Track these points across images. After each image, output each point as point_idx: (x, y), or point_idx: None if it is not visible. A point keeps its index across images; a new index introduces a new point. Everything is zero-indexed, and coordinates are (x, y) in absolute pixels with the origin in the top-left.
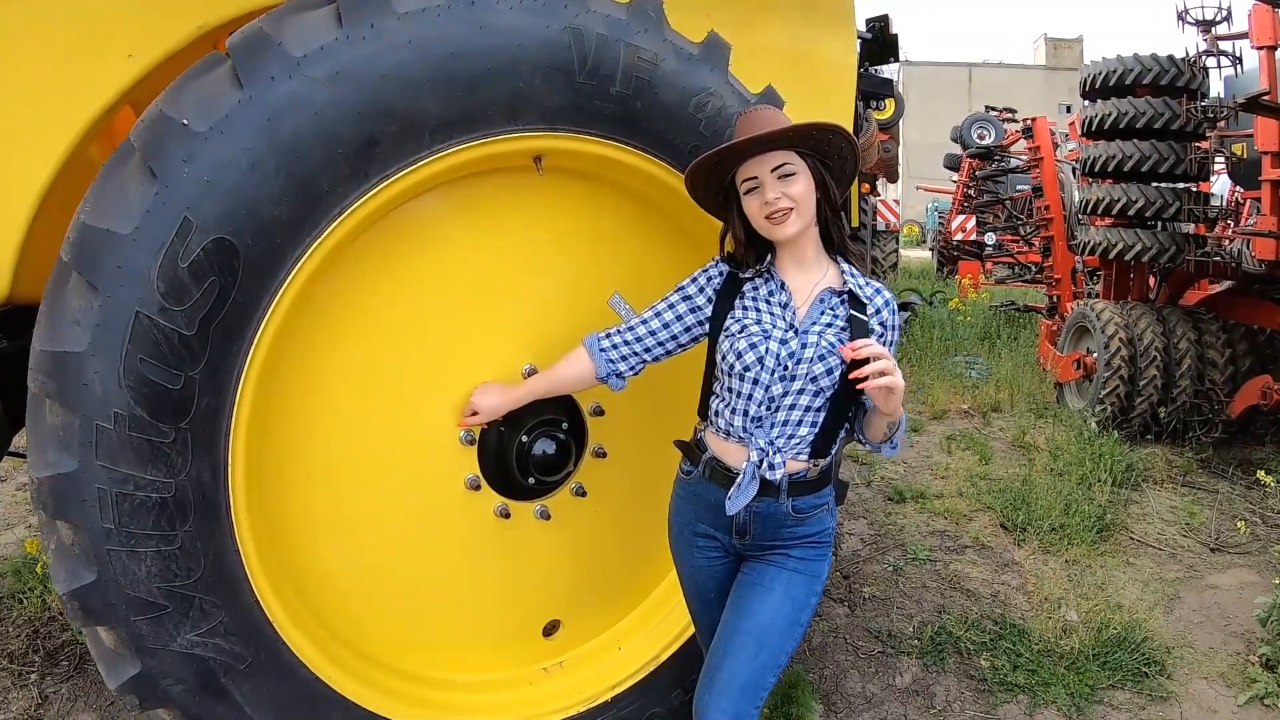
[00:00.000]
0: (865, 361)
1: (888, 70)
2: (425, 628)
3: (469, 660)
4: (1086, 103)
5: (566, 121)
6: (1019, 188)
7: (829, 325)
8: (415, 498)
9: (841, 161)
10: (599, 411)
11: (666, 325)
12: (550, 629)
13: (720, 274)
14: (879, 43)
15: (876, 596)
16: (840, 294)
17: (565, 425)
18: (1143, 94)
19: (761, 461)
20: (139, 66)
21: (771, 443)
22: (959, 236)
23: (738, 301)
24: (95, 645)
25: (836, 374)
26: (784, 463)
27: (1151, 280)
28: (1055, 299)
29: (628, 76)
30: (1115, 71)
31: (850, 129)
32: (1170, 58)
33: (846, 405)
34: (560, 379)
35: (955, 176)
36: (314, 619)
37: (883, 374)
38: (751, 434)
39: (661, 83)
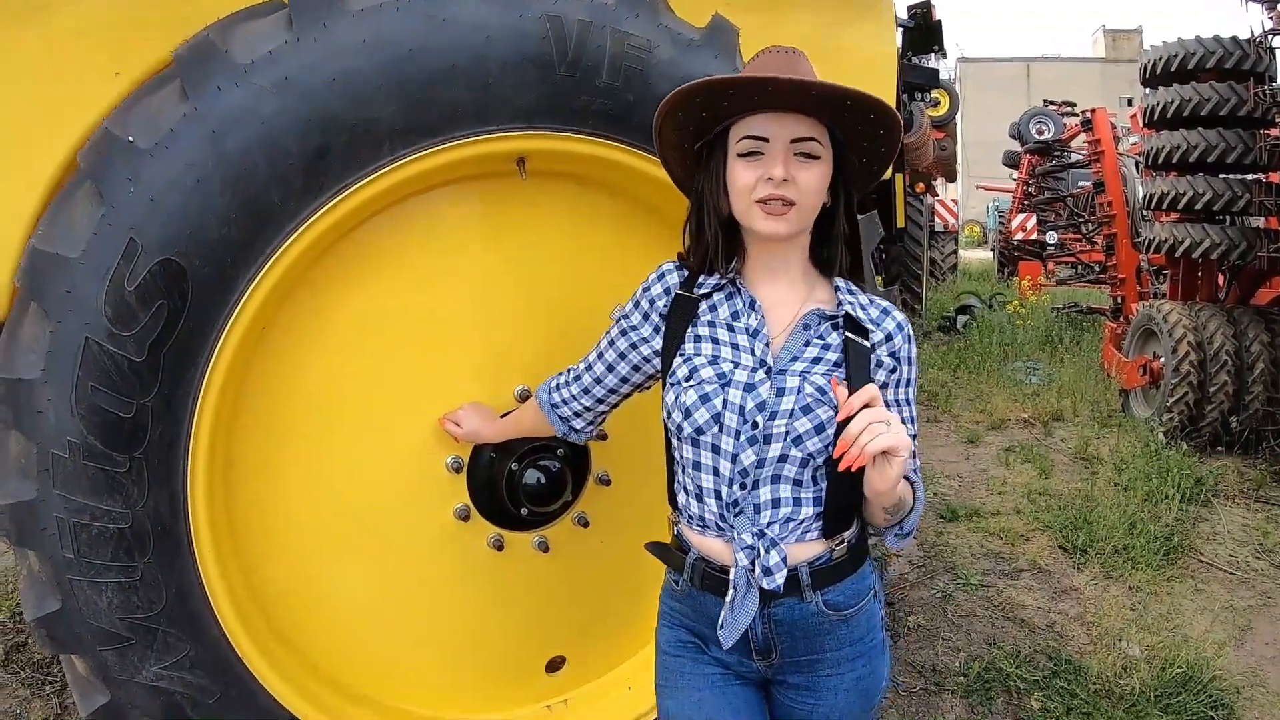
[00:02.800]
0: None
1: (935, 61)
2: (417, 664)
3: (466, 698)
4: (1147, 91)
5: (547, 119)
6: (1080, 184)
7: (816, 361)
8: (399, 528)
9: (873, 160)
10: (602, 436)
11: (611, 367)
12: (554, 665)
13: (667, 290)
14: (922, 30)
15: (922, 626)
16: (832, 318)
17: (561, 452)
18: (1206, 79)
19: (754, 564)
20: (126, 83)
21: (761, 533)
22: (1019, 236)
23: (690, 329)
24: (70, 671)
25: (831, 432)
26: (784, 559)
27: (1221, 279)
28: (1119, 300)
29: (615, 67)
30: (1176, 56)
31: None
32: (1234, 39)
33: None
34: (527, 426)
35: (1015, 174)
36: (292, 656)
37: (876, 436)
38: (732, 525)
39: (655, 72)
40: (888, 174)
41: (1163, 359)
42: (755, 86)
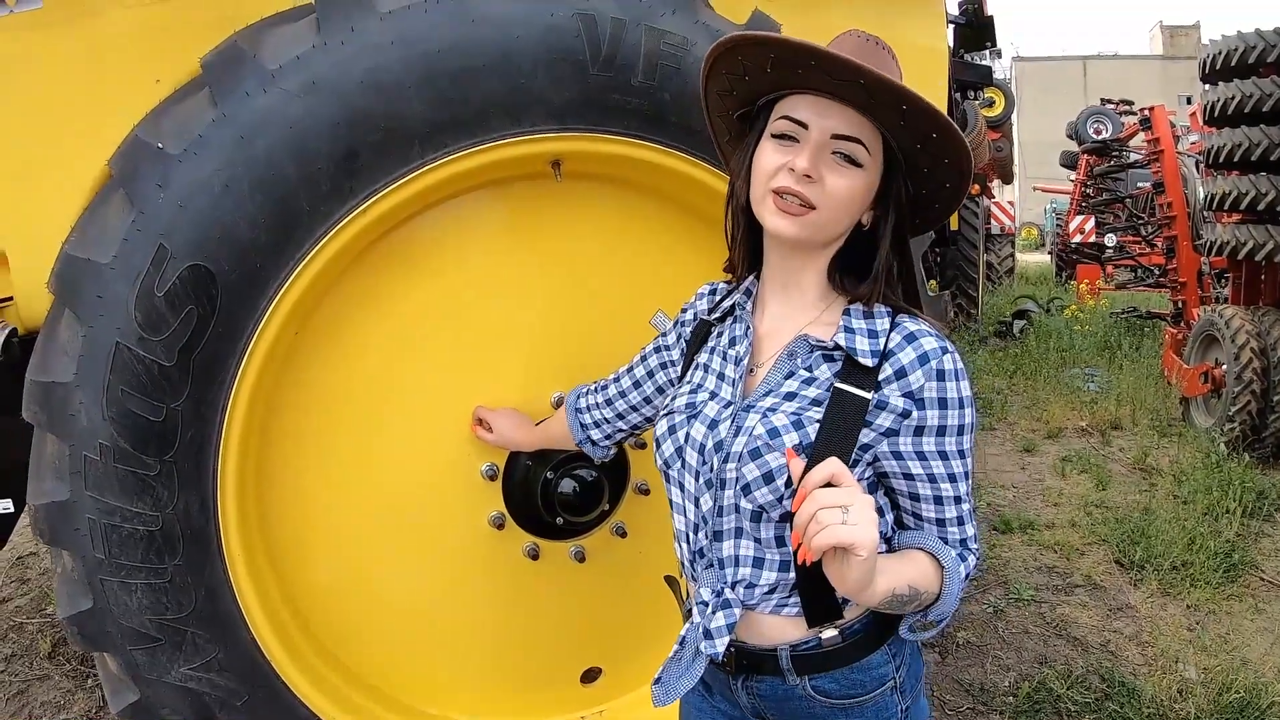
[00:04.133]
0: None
1: (989, 59)
2: (450, 671)
3: (500, 706)
4: (1206, 88)
5: (581, 120)
6: (1139, 184)
7: (790, 396)
8: (433, 534)
9: (935, 193)
10: (642, 445)
11: (637, 384)
12: (590, 676)
13: (696, 315)
14: (974, 26)
15: (971, 643)
16: (824, 348)
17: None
18: (1268, 73)
19: (701, 625)
20: (166, 90)
21: (719, 593)
22: (1077, 238)
23: (698, 356)
24: (102, 668)
25: (783, 483)
26: (729, 626)
27: None
28: (1180, 305)
29: (651, 65)
30: (1237, 50)
31: None
32: None
33: None
34: (555, 435)
35: (1073, 175)
36: (323, 660)
37: (824, 529)
38: (697, 578)
39: (693, 70)
40: None
41: (1225, 366)
42: (802, 54)
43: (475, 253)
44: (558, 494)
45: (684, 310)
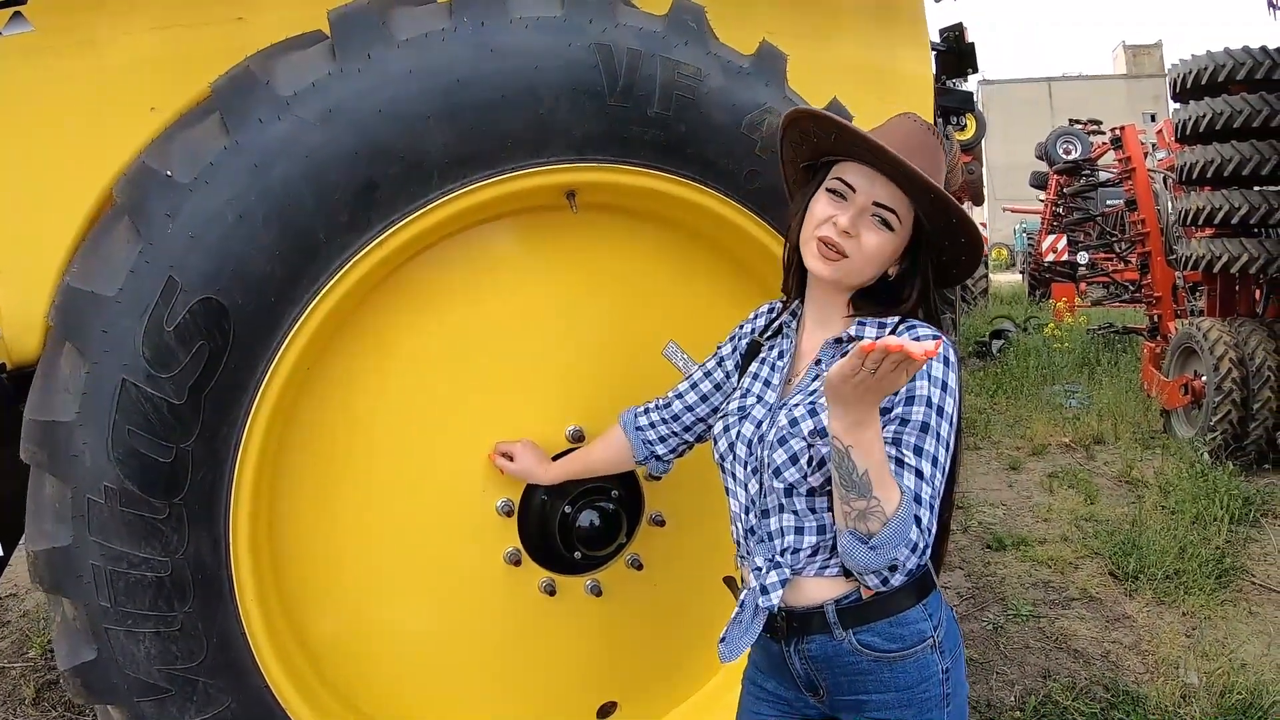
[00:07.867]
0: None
1: (967, 84)
2: (467, 710)
3: None
4: (1177, 106)
5: (599, 150)
6: (1110, 202)
7: (815, 392)
8: (449, 573)
9: (951, 263)
10: (657, 475)
11: (705, 397)
12: (605, 711)
13: (753, 330)
14: (955, 53)
15: (974, 660)
16: (840, 340)
17: (615, 493)
18: (1237, 91)
19: (757, 585)
20: (161, 120)
21: (771, 559)
22: (1050, 258)
23: (750, 366)
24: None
25: (805, 463)
26: (780, 583)
27: (1259, 293)
28: (1156, 319)
29: (667, 96)
30: (1206, 69)
31: None
32: (1264, 49)
33: None
34: (595, 461)
35: (1042, 195)
36: (340, 705)
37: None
38: (750, 551)
39: (707, 101)
40: None
41: (1204, 377)
42: (860, 141)
43: (491, 285)
44: (576, 527)
45: (741, 326)
